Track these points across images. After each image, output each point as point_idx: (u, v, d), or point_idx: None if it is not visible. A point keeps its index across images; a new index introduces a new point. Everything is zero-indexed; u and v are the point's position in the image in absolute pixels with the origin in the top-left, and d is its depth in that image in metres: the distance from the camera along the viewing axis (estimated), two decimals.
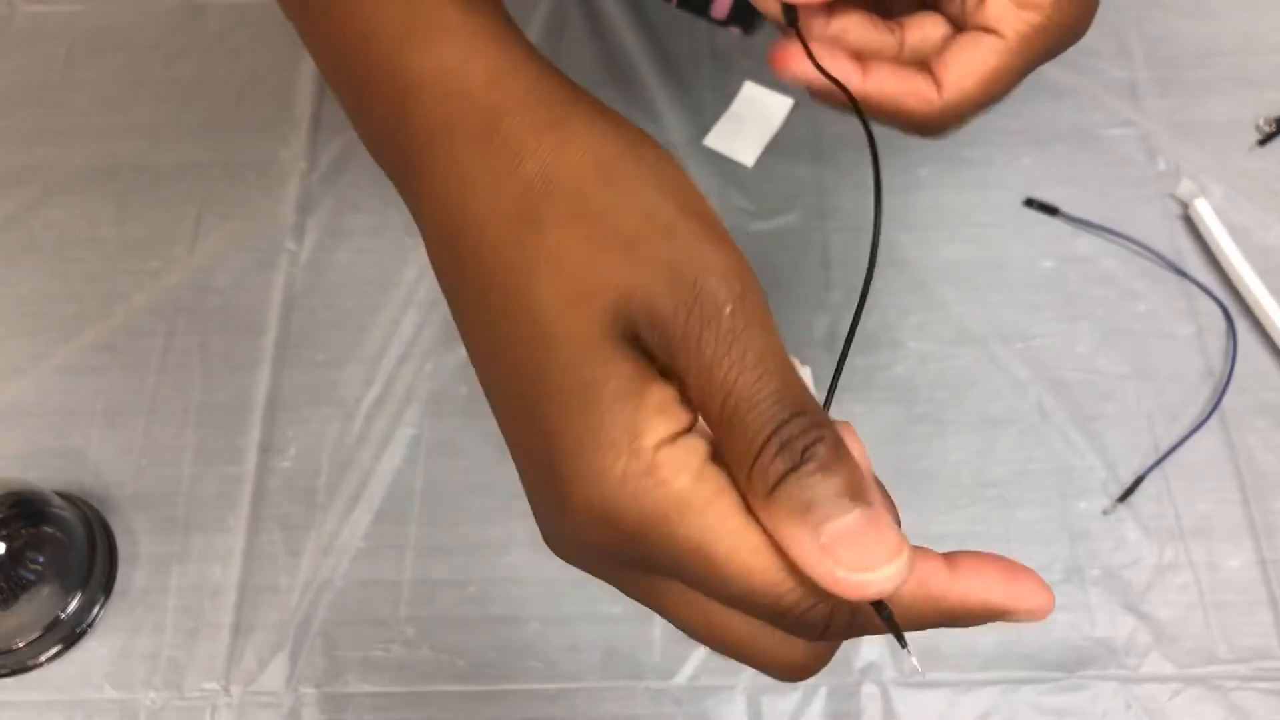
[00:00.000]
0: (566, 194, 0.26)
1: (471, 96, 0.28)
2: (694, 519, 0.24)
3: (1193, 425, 0.55)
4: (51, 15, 0.71)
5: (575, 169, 0.26)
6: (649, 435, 0.24)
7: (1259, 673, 0.50)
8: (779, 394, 0.24)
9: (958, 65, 0.35)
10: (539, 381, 0.25)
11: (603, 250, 0.25)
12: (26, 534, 0.52)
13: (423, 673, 0.51)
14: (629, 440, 0.24)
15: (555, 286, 0.25)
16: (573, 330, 0.25)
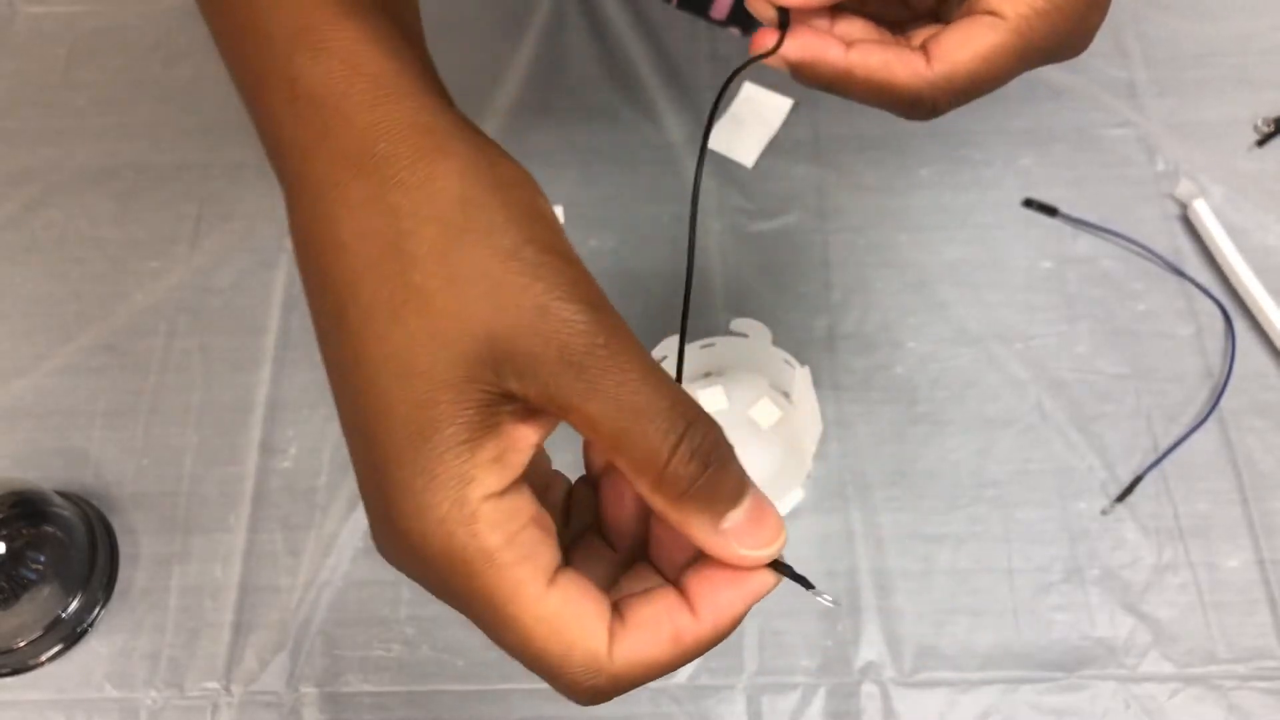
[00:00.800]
0: (432, 231, 0.26)
1: (350, 116, 0.28)
2: (494, 576, 0.25)
3: (1191, 425, 0.55)
4: (52, 16, 0.71)
5: (442, 206, 0.26)
6: (476, 487, 0.25)
7: (1258, 672, 0.50)
8: (672, 409, 0.25)
9: (950, 39, 0.33)
10: (386, 408, 0.26)
11: (467, 294, 0.25)
12: (28, 534, 0.52)
13: (423, 672, 0.52)
14: (457, 487, 0.25)
15: (417, 325, 0.26)
16: (430, 369, 0.25)
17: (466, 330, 0.25)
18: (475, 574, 0.25)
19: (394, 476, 0.26)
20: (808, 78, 0.34)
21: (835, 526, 0.54)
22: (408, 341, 0.26)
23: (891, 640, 0.51)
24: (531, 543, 0.26)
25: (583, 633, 0.26)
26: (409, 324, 0.26)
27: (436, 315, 0.26)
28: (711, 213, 0.63)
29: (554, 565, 0.26)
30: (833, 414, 0.56)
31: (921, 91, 0.33)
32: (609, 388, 0.25)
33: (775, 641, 0.51)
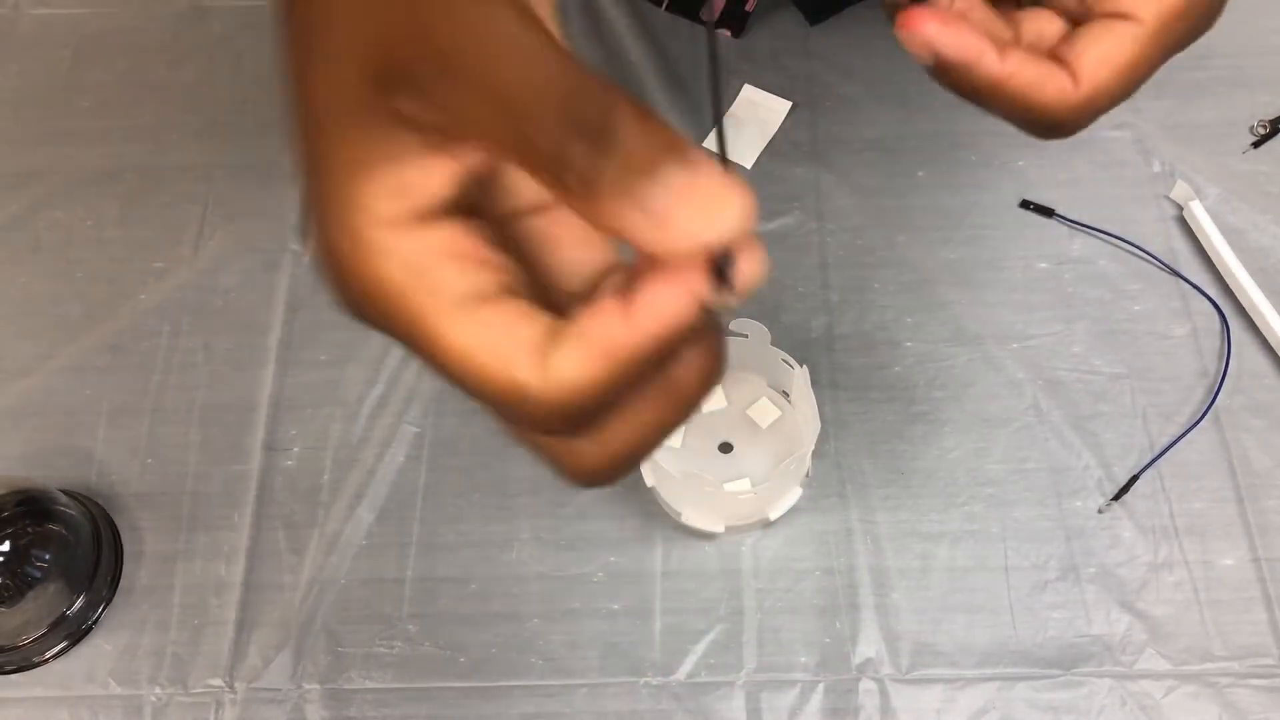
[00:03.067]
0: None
1: None
2: (395, 305, 0.23)
3: (1187, 425, 0.56)
4: (56, 18, 0.72)
5: None
6: (367, 214, 0.23)
7: (1253, 670, 0.50)
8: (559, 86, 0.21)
9: (1094, 54, 0.31)
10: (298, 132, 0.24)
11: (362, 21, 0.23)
12: (32, 532, 0.53)
13: (425, 669, 0.52)
14: (349, 215, 0.23)
15: (316, 38, 0.24)
16: (326, 87, 0.24)
17: (357, 42, 0.23)
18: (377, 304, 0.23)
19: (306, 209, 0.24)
20: (951, 81, 0.32)
21: (833, 525, 0.54)
22: (307, 60, 0.24)
23: (889, 637, 0.52)
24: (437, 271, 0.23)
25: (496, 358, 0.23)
26: (311, 40, 0.24)
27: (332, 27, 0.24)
28: None
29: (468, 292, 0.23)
30: (831, 413, 0.56)
31: (1066, 117, 0.32)
32: (488, 83, 0.21)
33: (774, 639, 0.52)
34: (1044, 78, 0.31)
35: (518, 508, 0.55)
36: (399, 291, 0.23)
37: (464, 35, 0.21)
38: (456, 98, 0.22)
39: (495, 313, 0.23)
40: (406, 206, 0.23)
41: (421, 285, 0.23)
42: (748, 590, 0.53)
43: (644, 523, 0.55)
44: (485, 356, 0.23)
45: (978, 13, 0.33)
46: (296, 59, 0.24)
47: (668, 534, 0.54)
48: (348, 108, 0.23)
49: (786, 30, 0.69)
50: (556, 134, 0.21)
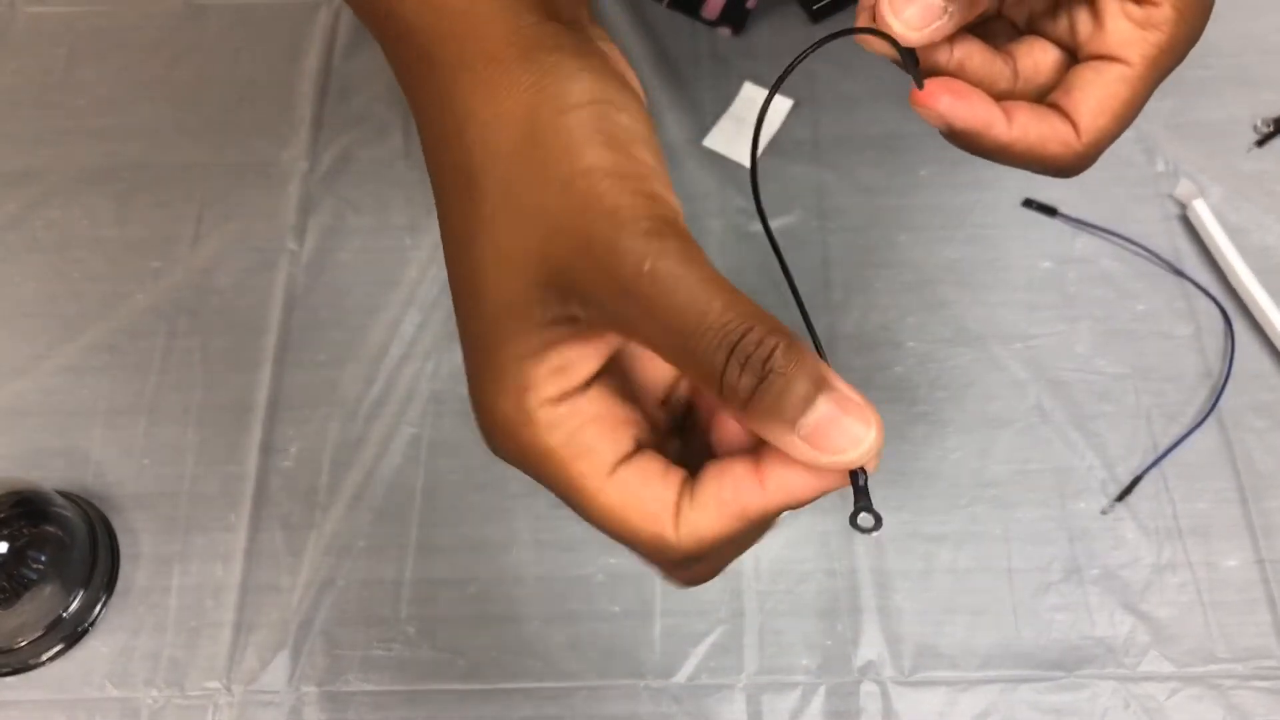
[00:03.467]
0: (499, 166, 0.28)
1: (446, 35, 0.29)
2: (555, 468, 0.28)
3: (1191, 425, 0.55)
4: (53, 16, 0.72)
5: (509, 138, 0.28)
6: (534, 394, 0.27)
7: (1257, 671, 0.50)
8: (721, 322, 0.26)
9: (1091, 103, 0.34)
10: (466, 319, 0.29)
11: (526, 227, 0.27)
12: (29, 533, 0.52)
13: (423, 671, 0.52)
14: (516, 394, 0.28)
15: (486, 253, 0.28)
16: (497, 291, 0.28)
17: (529, 261, 0.27)
18: (542, 468, 0.28)
19: (473, 377, 0.29)
20: (964, 144, 0.34)
21: (835, 526, 0.54)
22: (478, 266, 0.28)
23: (891, 639, 0.51)
24: (590, 440, 0.28)
25: (644, 517, 0.28)
26: (481, 251, 0.28)
27: (502, 245, 0.28)
28: (711, 213, 0.63)
29: (616, 458, 0.28)
30: None
31: (1072, 164, 0.34)
32: (659, 311, 0.26)
33: (775, 641, 0.52)
34: (1048, 136, 0.33)
35: (517, 509, 0.55)
36: (560, 458, 0.28)
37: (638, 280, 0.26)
38: (628, 322, 0.27)
39: (638, 474, 0.28)
40: (566, 385, 0.28)
41: (579, 453, 0.28)
42: (749, 592, 0.53)
43: None
44: (635, 516, 0.28)
45: (977, 58, 0.35)
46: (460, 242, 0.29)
47: None
48: (519, 303, 0.28)
49: (787, 27, 0.68)
50: (721, 362, 0.25)
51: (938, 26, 0.32)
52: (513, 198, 0.28)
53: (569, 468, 0.28)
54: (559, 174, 0.27)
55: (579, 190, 0.27)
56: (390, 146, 0.65)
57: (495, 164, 0.28)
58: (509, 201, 0.28)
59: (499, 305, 0.28)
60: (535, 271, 0.27)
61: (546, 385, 0.28)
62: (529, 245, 0.27)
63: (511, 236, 0.28)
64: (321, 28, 0.70)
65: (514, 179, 0.28)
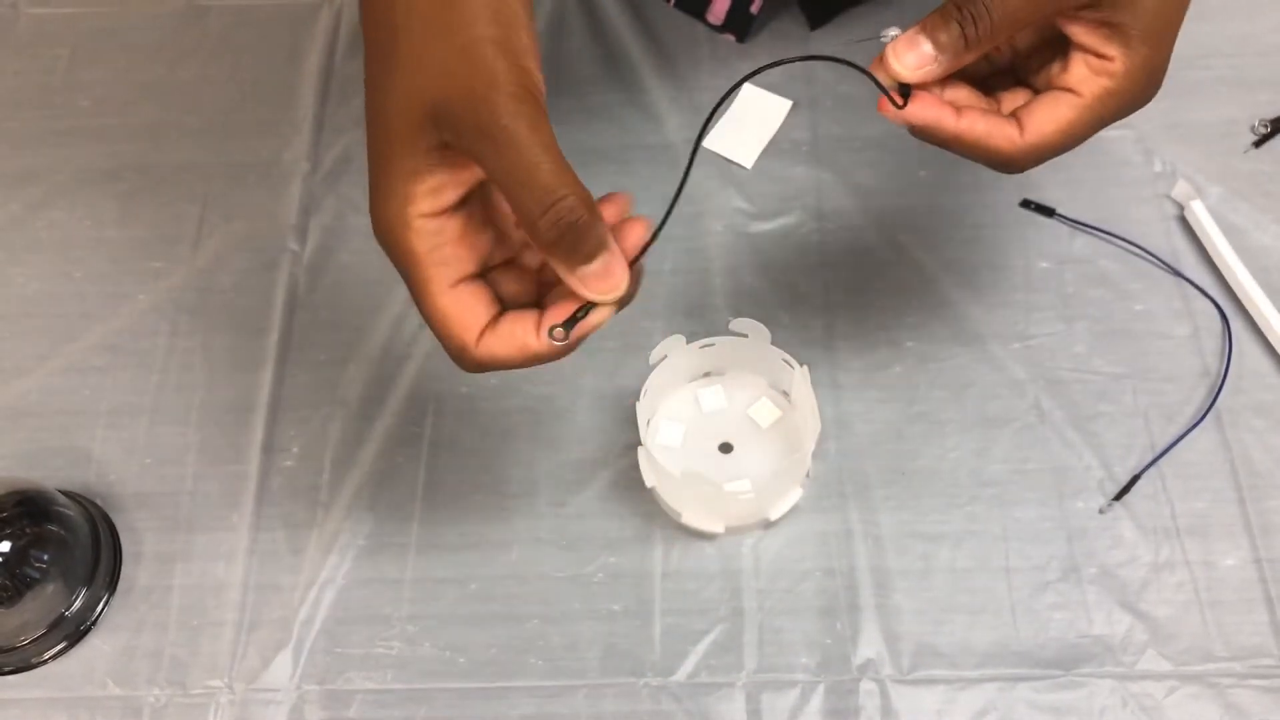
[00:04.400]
0: (418, 23, 0.37)
1: None
2: (416, 269, 0.37)
3: (1189, 424, 0.55)
4: (55, 17, 0.72)
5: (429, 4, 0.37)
6: (414, 206, 0.37)
7: (1255, 670, 0.50)
8: (550, 184, 0.35)
9: (1039, 114, 0.41)
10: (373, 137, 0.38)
11: (429, 70, 0.36)
12: (31, 532, 0.53)
13: (424, 670, 0.52)
14: (400, 202, 0.37)
15: (396, 84, 0.37)
16: (397, 119, 0.37)
17: (423, 99, 0.36)
18: (405, 264, 0.37)
19: (371, 187, 0.38)
20: (923, 136, 0.42)
21: (834, 525, 0.54)
22: (387, 99, 0.37)
23: (890, 638, 0.51)
24: (448, 254, 0.37)
25: (459, 327, 0.38)
26: (391, 87, 0.37)
27: (407, 84, 0.36)
28: (711, 213, 0.63)
29: (459, 275, 0.38)
30: (831, 413, 0.56)
31: (1014, 156, 0.41)
32: (508, 156, 0.35)
33: (774, 639, 0.52)
34: (995, 129, 0.41)
35: (516, 509, 0.55)
36: (422, 262, 0.37)
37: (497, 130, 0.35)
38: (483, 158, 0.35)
39: (469, 294, 0.38)
40: (439, 204, 0.37)
41: (436, 262, 0.37)
42: (748, 591, 0.53)
43: (644, 523, 0.54)
44: (454, 324, 0.38)
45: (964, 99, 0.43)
46: (376, 81, 0.38)
47: (668, 534, 0.54)
48: (410, 129, 0.36)
49: (787, 30, 0.69)
50: (538, 212, 0.35)
51: (929, 70, 0.40)
52: (420, 49, 0.36)
53: (425, 271, 0.37)
54: (459, 38, 0.36)
55: (471, 52, 0.36)
56: None
57: (412, 22, 0.37)
58: (416, 51, 0.36)
59: (396, 130, 0.36)
60: (426, 107, 0.36)
61: (424, 201, 0.37)
62: (425, 85, 0.36)
63: (414, 78, 0.36)
64: (323, 28, 0.70)
65: (425, 35, 0.36)
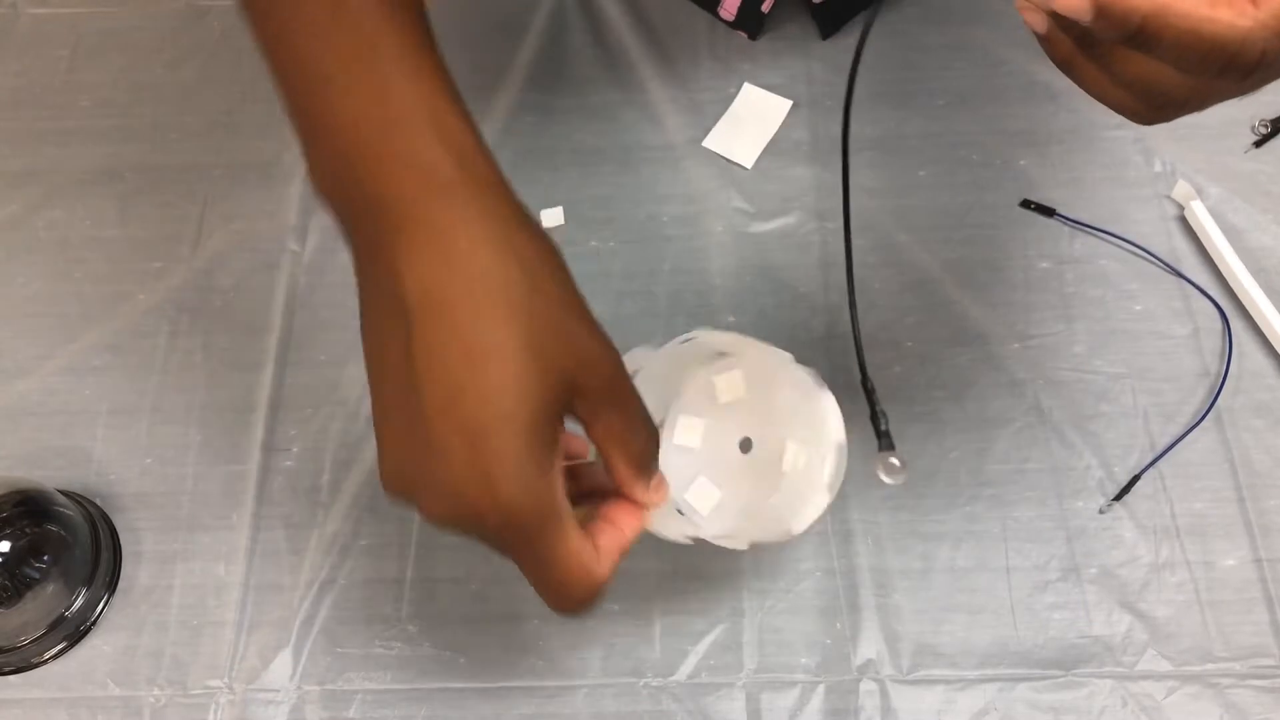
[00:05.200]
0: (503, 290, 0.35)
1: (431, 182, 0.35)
2: (559, 526, 0.36)
3: (1189, 424, 0.55)
4: (55, 18, 0.72)
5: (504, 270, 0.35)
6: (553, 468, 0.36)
7: (1254, 670, 0.50)
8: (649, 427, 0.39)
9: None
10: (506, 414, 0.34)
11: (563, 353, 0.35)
12: (31, 532, 0.53)
13: (425, 670, 0.52)
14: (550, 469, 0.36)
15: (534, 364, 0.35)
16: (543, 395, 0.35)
17: (560, 375, 0.35)
18: (548, 524, 0.36)
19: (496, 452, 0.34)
20: (1110, 25, 0.28)
21: (834, 524, 0.54)
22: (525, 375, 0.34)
23: (890, 638, 0.51)
24: (564, 501, 0.37)
25: (594, 563, 0.38)
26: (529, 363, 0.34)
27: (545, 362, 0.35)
28: (711, 213, 0.63)
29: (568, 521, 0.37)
30: None
31: (1250, 33, 0.28)
32: (629, 416, 0.38)
33: (775, 639, 0.52)
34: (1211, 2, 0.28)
35: None
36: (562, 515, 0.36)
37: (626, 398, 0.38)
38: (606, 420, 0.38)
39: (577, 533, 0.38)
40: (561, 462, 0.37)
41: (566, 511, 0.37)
42: (748, 591, 0.53)
43: None
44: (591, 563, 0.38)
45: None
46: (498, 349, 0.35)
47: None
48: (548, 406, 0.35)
49: (797, 33, 0.68)
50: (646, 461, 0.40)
51: None
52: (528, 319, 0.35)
53: (565, 524, 0.36)
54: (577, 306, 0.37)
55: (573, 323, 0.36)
56: None
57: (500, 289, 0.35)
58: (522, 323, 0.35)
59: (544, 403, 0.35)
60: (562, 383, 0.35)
61: (557, 460, 0.36)
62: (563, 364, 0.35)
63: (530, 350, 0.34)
64: None
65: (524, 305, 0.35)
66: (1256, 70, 0.29)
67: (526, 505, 0.35)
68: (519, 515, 0.35)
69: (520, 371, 0.34)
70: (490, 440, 0.34)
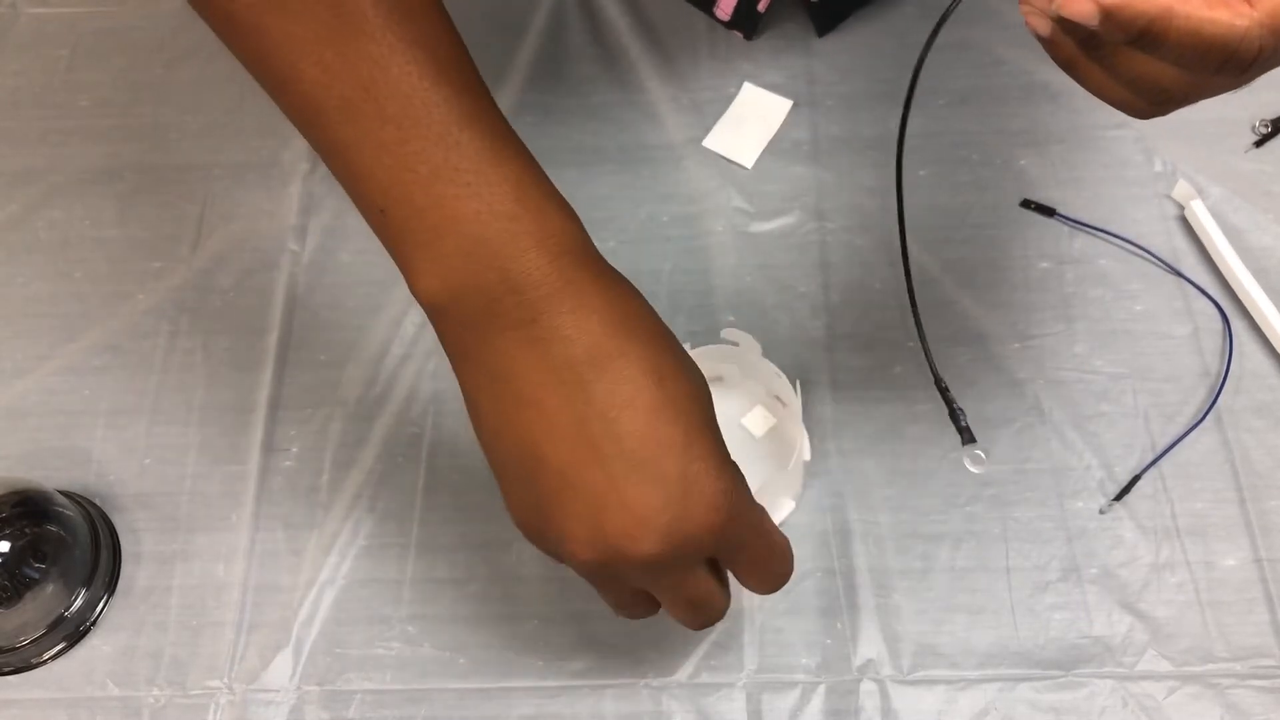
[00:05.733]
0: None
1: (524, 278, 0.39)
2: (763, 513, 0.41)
3: (1189, 425, 0.55)
4: (55, 17, 0.72)
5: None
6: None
7: (1255, 671, 0.50)
8: (785, 560, 0.43)
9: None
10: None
11: (663, 489, 0.37)
12: (31, 532, 0.53)
13: (424, 670, 0.52)
14: (728, 471, 0.39)
15: (688, 385, 0.39)
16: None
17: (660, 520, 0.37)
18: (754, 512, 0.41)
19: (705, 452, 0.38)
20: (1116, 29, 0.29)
21: (834, 525, 0.54)
22: (698, 387, 0.40)
23: (890, 638, 0.51)
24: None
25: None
26: (683, 386, 0.39)
27: (696, 383, 0.39)
28: (711, 213, 0.63)
29: None
30: (831, 413, 0.56)
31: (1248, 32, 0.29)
32: (761, 536, 0.41)
33: (775, 640, 0.52)
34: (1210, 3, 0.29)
35: None
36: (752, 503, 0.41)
37: (751, 520, 0.41)
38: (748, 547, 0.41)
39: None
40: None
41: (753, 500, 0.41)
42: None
43: None
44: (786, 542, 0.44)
45: None
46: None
47: None
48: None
49: (794, 32, 0.68)
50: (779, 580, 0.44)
51: None
52: (645, 463, 0.37)
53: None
54: (692, 450, 0.38)
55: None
56: None
57: (619, 430, 0.37)
58: (640, 467, 0.37)
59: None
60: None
61: None
62: (663, 504, 0.37)
63: (656, 493, 0.37)
64: None
65: (641, 450, 0.37)
66: (1253, 66, 0.31)
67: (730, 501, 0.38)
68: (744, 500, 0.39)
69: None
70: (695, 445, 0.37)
